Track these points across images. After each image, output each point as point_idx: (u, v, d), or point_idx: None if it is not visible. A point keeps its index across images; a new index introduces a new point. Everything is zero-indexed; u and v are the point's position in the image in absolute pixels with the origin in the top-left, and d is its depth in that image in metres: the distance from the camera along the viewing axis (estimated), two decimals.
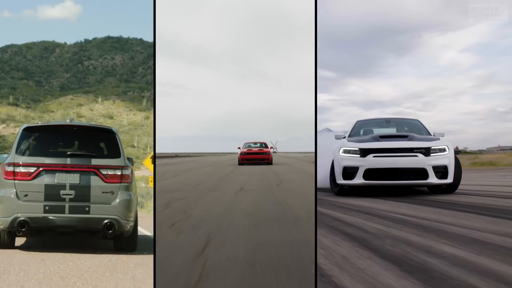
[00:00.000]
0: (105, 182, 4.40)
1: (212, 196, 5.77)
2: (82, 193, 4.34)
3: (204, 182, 8.18)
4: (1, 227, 4.35)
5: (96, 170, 4.40)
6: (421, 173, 6.93)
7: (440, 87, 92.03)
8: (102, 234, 4.44)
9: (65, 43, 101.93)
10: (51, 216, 4.27)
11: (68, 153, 4.49)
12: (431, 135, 8.01)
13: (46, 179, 4.34)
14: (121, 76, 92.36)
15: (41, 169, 4.34)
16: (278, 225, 3.70)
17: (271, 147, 17.61)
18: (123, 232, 4.46)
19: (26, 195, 4.30)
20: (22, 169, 4.34)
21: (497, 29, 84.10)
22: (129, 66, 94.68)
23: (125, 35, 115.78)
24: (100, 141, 4.71)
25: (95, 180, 4.38)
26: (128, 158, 4.80)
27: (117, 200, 4.40)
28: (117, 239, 4.60)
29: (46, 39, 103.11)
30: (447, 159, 7.04)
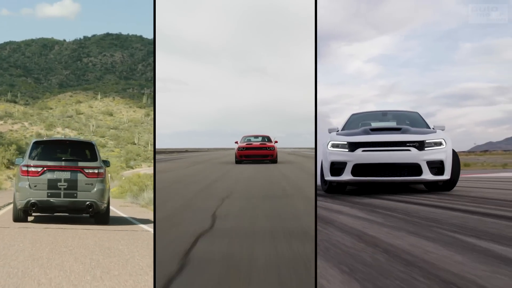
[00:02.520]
0: (87, 177, 6.97)
1: None
2: (72, 185, 6.91)
3: None
4: (19, 207, 6.94)
5: (81, 170, 6.98)
6: (414, 168, 6.68)
7: (347, 95, 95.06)
8: (85, 212, 7.03)
9: (64, 40, 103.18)
10: (51, 199, 6.85)
11: (63, 158, 7.07)
12: (430, 128, 7.77)
13: (49, 175, 6.91)
14: (121, 73, 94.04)
15: (45, 169, 6.92)
16: None
17: (276, 141, 14.81)
18: (99, 211, 7.04)
19: (35, 186, 6.88)
20: (32, 169, 6.92)
21: (399, 42, 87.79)
22: (128, 63, 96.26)
23: (124, 32, 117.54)
24: (84, 150, 7.29)
25: (80, 176, 6.96)
26: (104, 161, 7.36)
27: (95, 189, 6.98)
28: (96, 215, 7.17)
29: (45, 36, 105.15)
30: (443, 153, 6.74)
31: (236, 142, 14.73)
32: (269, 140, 15.02)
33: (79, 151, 7.25)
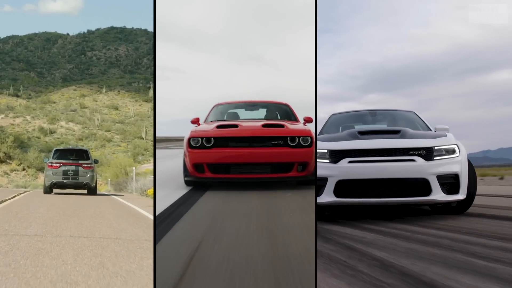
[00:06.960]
0: (84, 169, 14.09)
1: None
2: (75, 173, 14.05)
3: None
4: (47, 185, 14.13)
5: (80, 165, 14.07)
6: (421, 185, 5.25)
7: None
8: (82, 188, 14.17)
9: (68, 34, 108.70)
10: (65, 181, 14.05)
11: (71, 158, 14.23)
12: (431, 131, 6.66)
13: (63, 168, 14.05)
14: (126, 67, 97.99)
15: (61, 164, 14.05)
16: None
17: (308, 119, 6.45)
18: (90, 188, 14.20)
19: (55, 173, 14.03)
20: (54, 164, 14.07)
21: None
22: (133, 57, 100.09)
23: (129, 26, 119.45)
24: (83, 154, 14.46)
25: (80, 168, 14.07)
26: (94, 160, 14.40)
27: (88, 175, 14.13)
28: (88, 190, 14.29)
29: (48, 30, 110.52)
30: (457, 164, 5.41)
31: (195, 122, 6.40)
32: (291, 116, 6.88)
33: (80, 154, 14.40)
